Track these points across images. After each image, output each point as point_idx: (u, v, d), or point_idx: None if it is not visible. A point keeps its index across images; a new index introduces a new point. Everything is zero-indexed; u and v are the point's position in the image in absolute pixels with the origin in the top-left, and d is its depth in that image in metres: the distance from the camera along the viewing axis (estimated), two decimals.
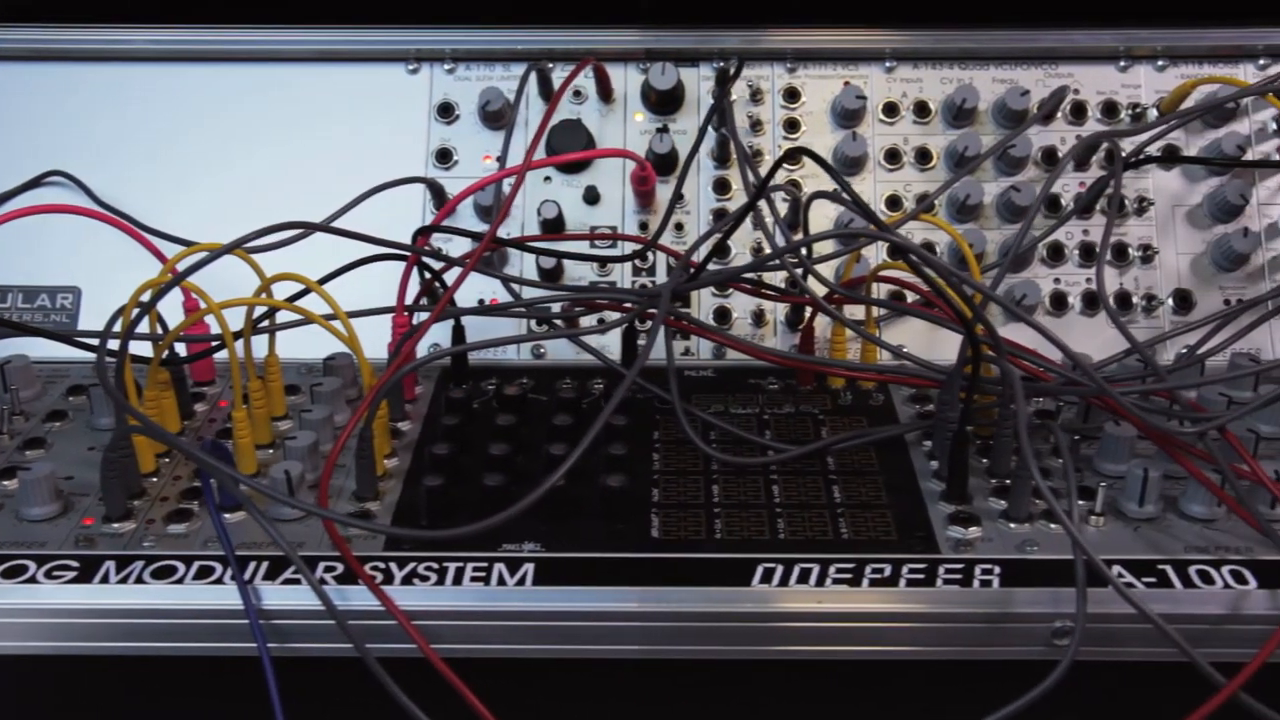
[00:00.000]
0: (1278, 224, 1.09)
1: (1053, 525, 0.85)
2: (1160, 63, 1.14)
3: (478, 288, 1.09)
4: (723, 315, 1.09)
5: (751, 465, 0.92)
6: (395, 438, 0.96)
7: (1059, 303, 1.08)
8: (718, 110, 1.07)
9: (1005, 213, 1.10)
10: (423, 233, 0.97)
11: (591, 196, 1.11)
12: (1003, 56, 1.14)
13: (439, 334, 1.04)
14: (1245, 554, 0.81)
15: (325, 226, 0.94)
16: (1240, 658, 0.75)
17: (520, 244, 1.04)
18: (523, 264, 1.10)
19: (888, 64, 1.15)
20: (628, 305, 0.93)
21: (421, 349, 1.00)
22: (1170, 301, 1.08)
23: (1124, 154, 1.05)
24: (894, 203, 1.11)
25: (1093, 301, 1.08)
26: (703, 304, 1.10)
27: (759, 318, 1.09)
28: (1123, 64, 1.14)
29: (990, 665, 0.79)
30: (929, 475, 0.90)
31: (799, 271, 0.93)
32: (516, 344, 1.06)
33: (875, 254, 1.09)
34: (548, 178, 1.13)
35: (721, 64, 1.13)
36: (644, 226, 1.11)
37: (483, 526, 0.74)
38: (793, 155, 0.96)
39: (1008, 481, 0.88)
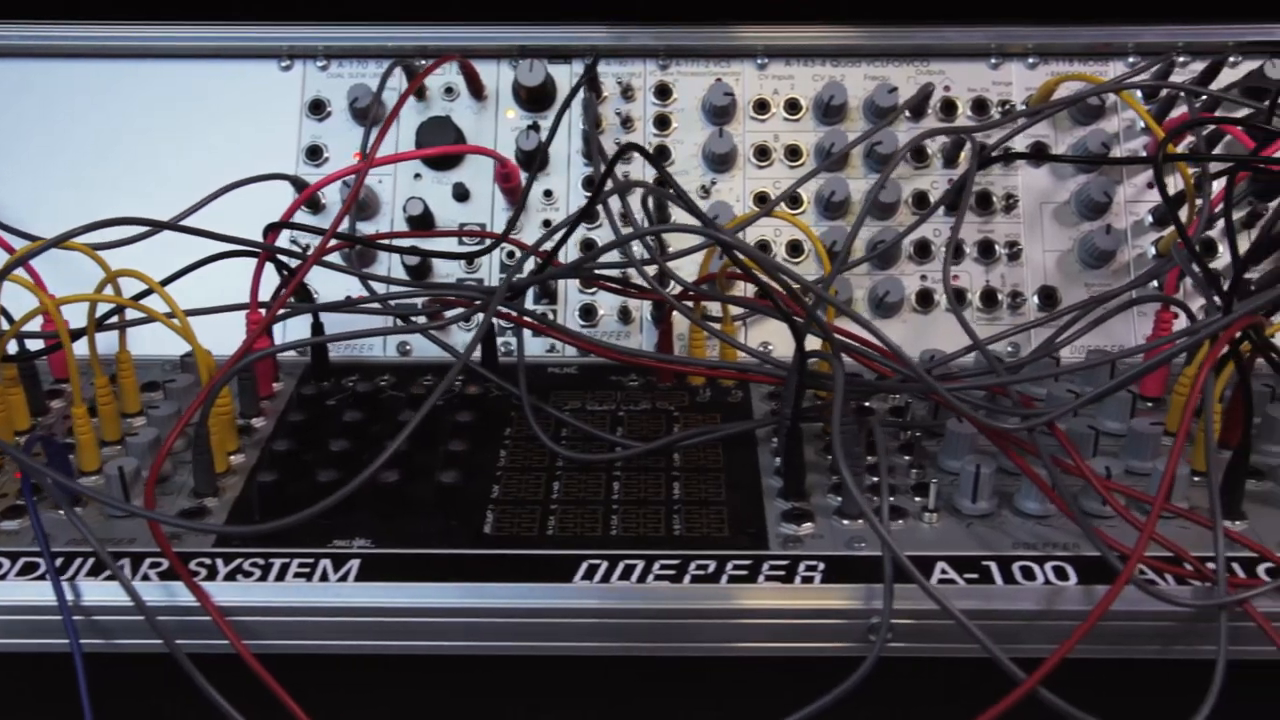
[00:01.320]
0: (1144, 221, 1.08)
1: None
2: (1031, 60, 1.14)
3: (348, 286, 1.09)
4: (589, 312, 1.09)
5: (595, 462, 0.91)
6: (246, 434, 0.96)
7: (925, 300, 1.08)
8: (566, 106, 1.07)
9: (874, 209, 1.09)
10: (272, 229, 0.97)
11: (460, 193, 1.11)
12: (875, 53, 1.14)
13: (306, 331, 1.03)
14: (1071, 550, 0.81)
15: (169, 224, 0.93)
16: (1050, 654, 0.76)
17: (368, 241, 1.04)
18: (390, 263, 1.10)
19: (760, 61, 1.14)
20: (476, 301, 0.92)
21: None
22: (1035, 299, 1.08)
23: (981, 151, 1.05)
24: (762, 199, 1.11)
25: (959, 298, 1.08)
26: (569, 301, 1.10)
27: (625, 315, 1.09)
28: (994, 61, 1.14)
29: (814, 661, 0.78)
30: (772, 472, 0.90)
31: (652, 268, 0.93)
32: (347, 340, 1.06)
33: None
34: (418, 175, 1.13)
35: (590, 60, 1.13)
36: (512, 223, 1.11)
37: (277, 525, 0.74)
38: (625, 152, 0.95)
39: None
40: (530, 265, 1.04)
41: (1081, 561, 0.80)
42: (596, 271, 0.98)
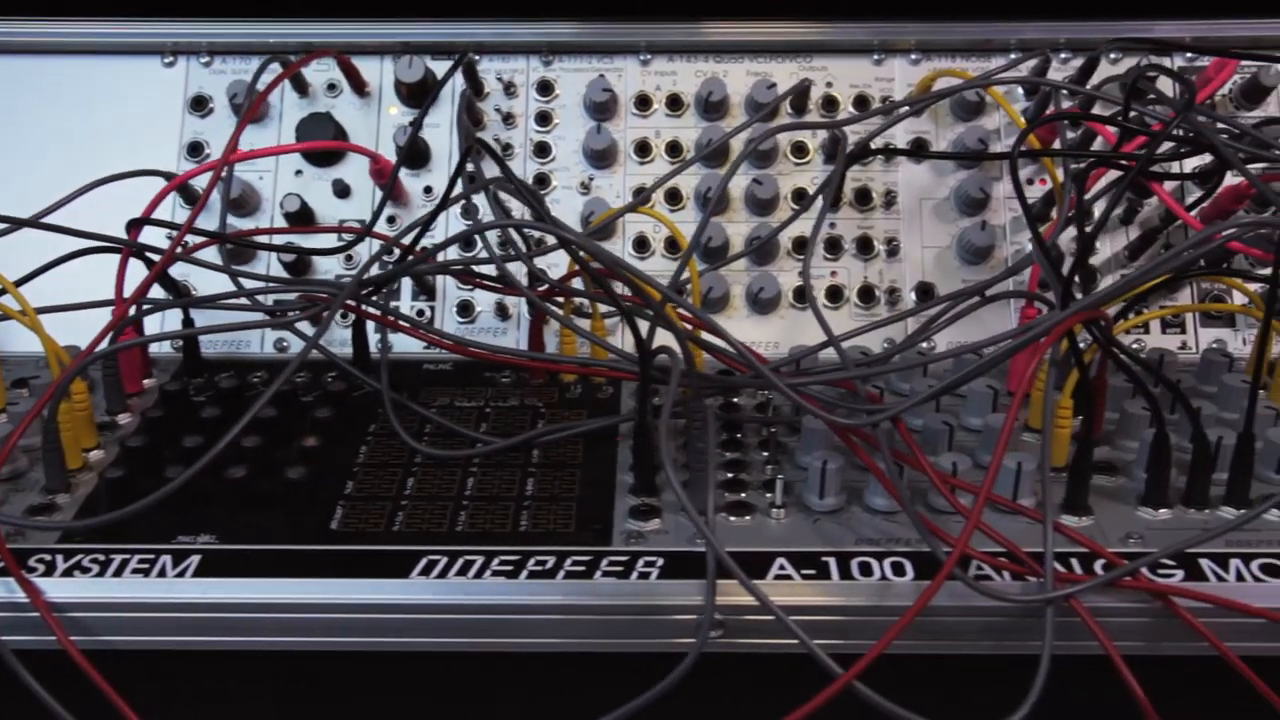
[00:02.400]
0: (1021, 218, 1.08)
1: (733, 518, 0.84)
2: (914, 56, 1.14)
3: (228, 284, 1.08)
4: (466, 309, 1.09)
5: (452, 458, 0.91)
6: (110, 431, 0.96)
7: (802, 296, 1.08)
8: (431, 103, 1.07)
9: (752, 206, 1.09)
10: (134, 225, 0.97)
11: (341, 190, 1.11)
12: (757, 49, 1.14)
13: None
14: (914, 546, 0.81)
15: (28, 221, 0.93)
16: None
17: (231, 238, 1.03)
18: (270, 260, 1.10)
19: (643, 57, 1.14)
20: (324, 297, 0.92)
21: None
22: (913, 295, 1.08)
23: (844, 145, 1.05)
24: (644, 197, 1.11)
25: (836, 294, 1.08)
26: (448, 297, 1.10)
27: (502, 312, 1.09)
28: (877, 57, 1.14)
29: (649, 658, 0.78)
30: (628, 469, 0.90)
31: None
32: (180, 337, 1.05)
33: (620, 249, 1.10)
34: (299, 171, 1.13)
35: (473, 57, 1.13)
36: (392, 220, 1.11)
37: (93, 523, 0.74)
38: (469, 149, 0.95)
39: None
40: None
41: (921, 558, 0.80)
42: (462, 269, 0.98)
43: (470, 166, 1.00)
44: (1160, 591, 0.76)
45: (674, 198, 1.10)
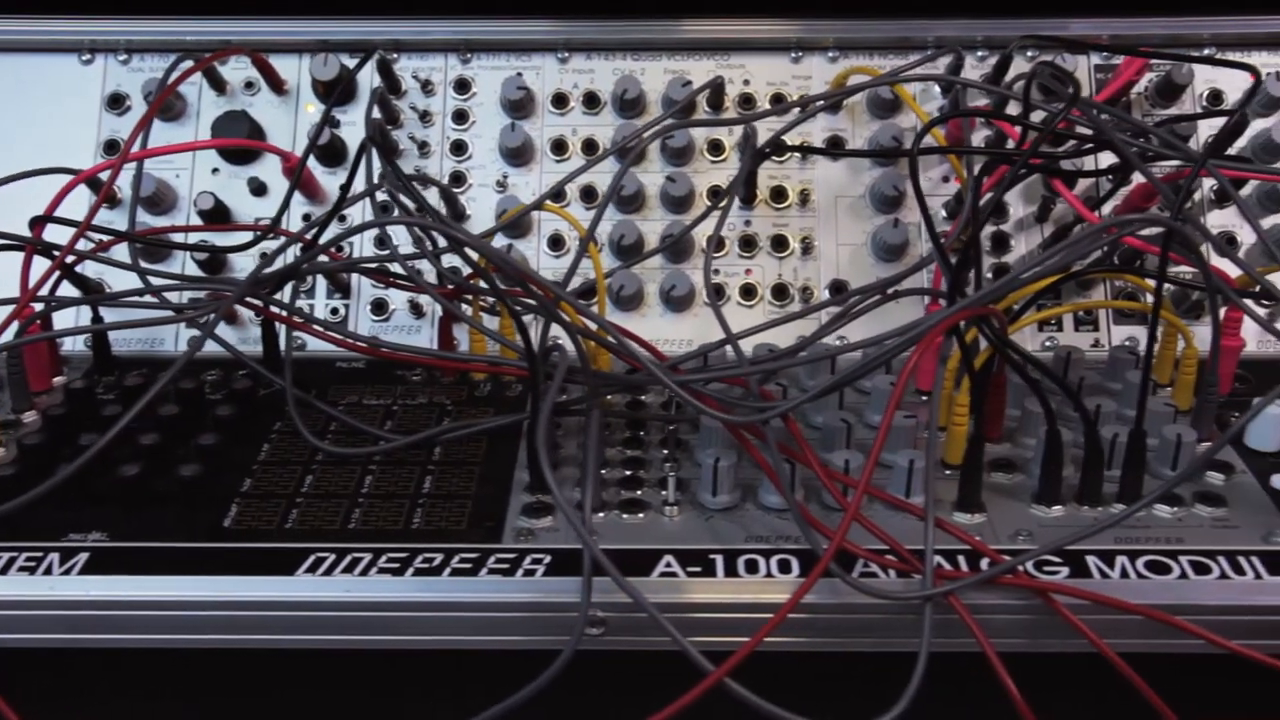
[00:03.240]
0: (937, 215, 1.08)
1: (625, 516, 0.85)
2: (832, 54, 1.14)
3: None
4: (380, 307, 1.09)
5: (353, 456, 0.91)
6: (13, 429, 0.96)
7: (716, 293, 1.08)
8: (334, 102, 1.07)
9: (667, 203, 1.09)
10: (37, 222, 0.96)
11: (258, 188, 1.11)
12: (675, 47, 1.14)
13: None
14: (802, 543, 0.81)
15: None
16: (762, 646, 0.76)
17: (126, 236, 1.03)
18: (184, 258, 1.10)
19: (561, 55, 1.14)
20: (225, 294, 0.92)
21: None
22: (826, 293, 1.08)
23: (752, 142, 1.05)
24: (558, 194, 1.10)
25: (750, 292, 1.08)
26: (362, 295, 1.09)
27: (416, 310, 1.09)
28: (795, 55, 1.14)
29: (538, 654, 0.78)
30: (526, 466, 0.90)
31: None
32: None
33: (535, 247, 1.10)
34: (216, 169, 1.12)
35: (385, 54, 1.13)
36: (307, 218, 1.10)
37: None
38: (363, 147, 0.96)
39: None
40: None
41: (808, 555, 0.80)
42: (367, 266, 0.98)
43: (378, 164, 1.00)
44: (1039, 588, 0.76)
45: (589, 195, 1.10)
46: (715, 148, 1.11)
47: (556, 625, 0.77)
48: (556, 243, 1.10)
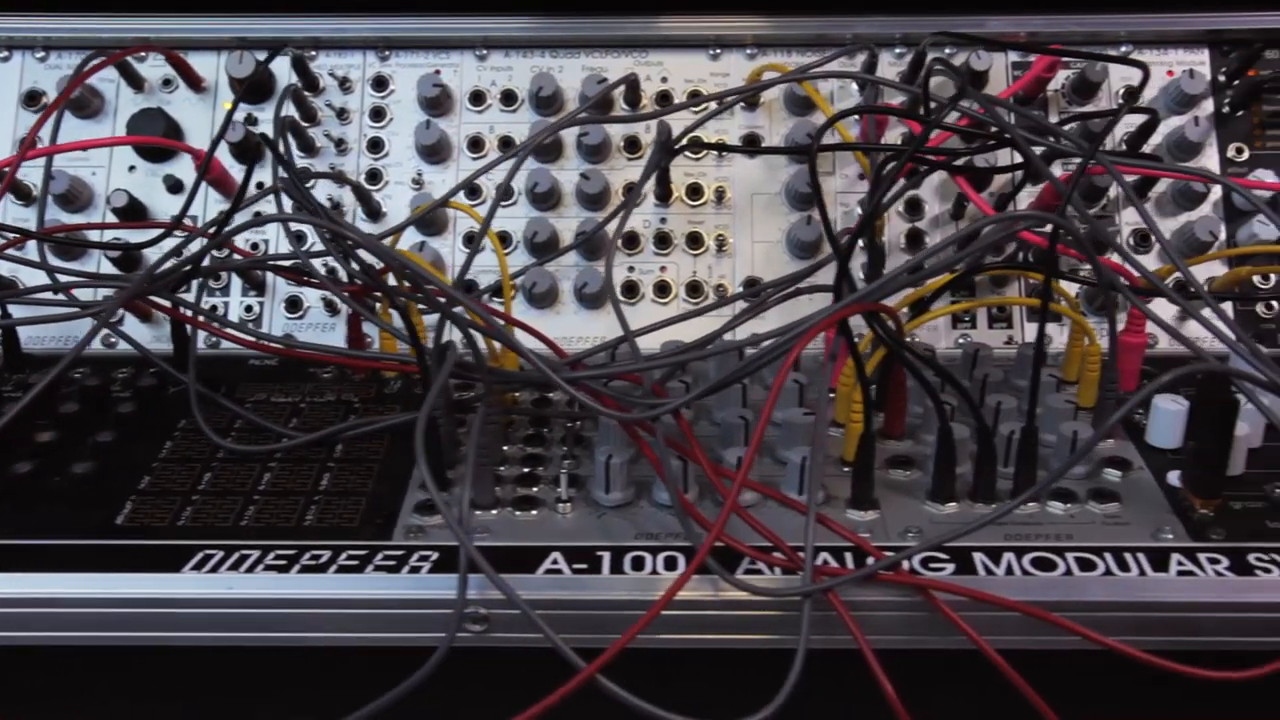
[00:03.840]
0: (853, 212, 1.08)
1: (518, 513, 0.84)
2: (750, 51, 1.14)
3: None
4: (295, 304, 1.09)
5: (254, 453, 0.91)
6: None
7: (631, 290, 1.08)
8: (240, 100, 1.06)
9: (582, 200, 1.09)
10: None
11: (174, 185, 1.11)
12: (593, 45, 1.13)
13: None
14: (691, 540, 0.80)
15: None
16: (642, 644, 0.75)
17: (26, 233, 1.02)
18: (99, 256, 1.09)
19: (479, 52, 1.14)
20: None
21: None
22: (741, 290, 1.08)
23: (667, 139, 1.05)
24: (475, 191, 1.10)
25: (665, 289, 1.08)
26: (277, 293, 1.09)
27: (331, 307, 1.09)
28: (714, 52, 1.14)
29: (423, 652, 0.78)
30: None
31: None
32: None
33: (451, 245, 1.10)
34: (132, 167, 1.12)
35: (308, 53, 1.13)
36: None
37: None
38: (257, 145, 0.96)
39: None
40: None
41: (694, 552, 0.79)
42: (273, 264, 0.98)
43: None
44: (919, 585, 0.76)
45: (505, 193, 1.10)
46: (632, 145, 1.11)
47: (438, 622, 0.76)
48: (471, 240, 1.09)
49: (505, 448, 0.92)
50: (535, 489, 0.87)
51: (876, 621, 0.76)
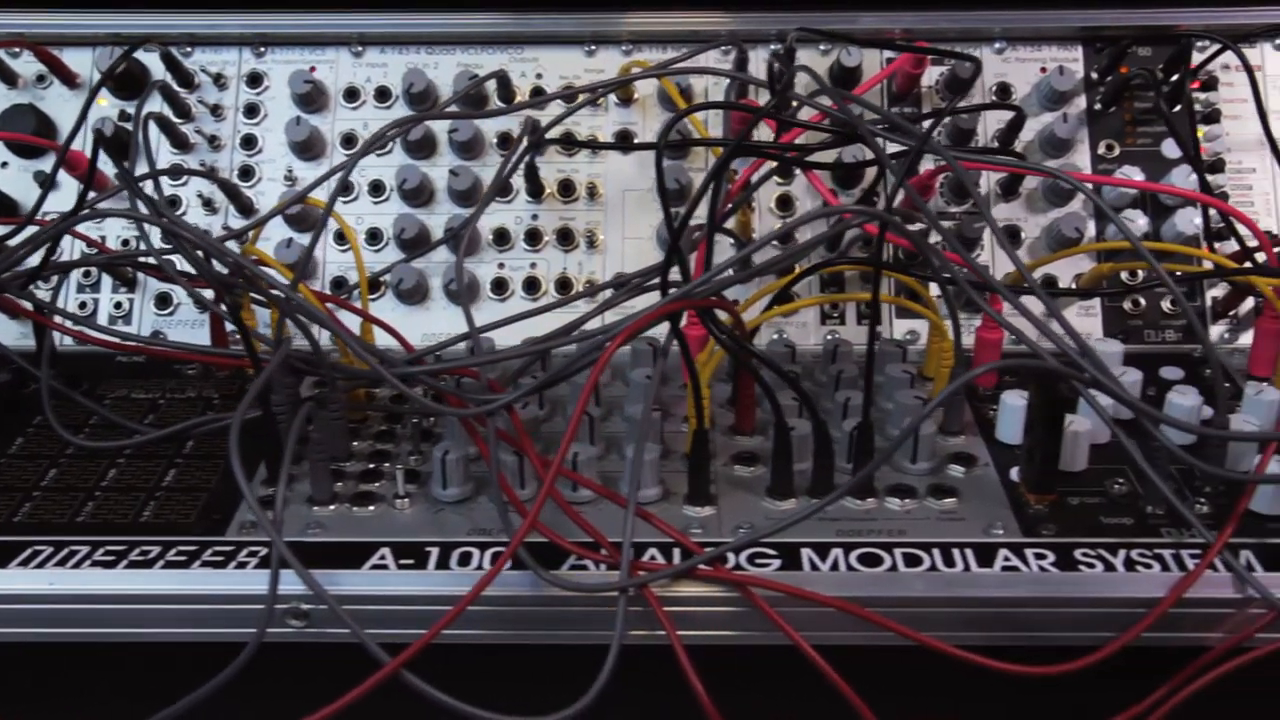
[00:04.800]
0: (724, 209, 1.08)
1: (355, 508, 0.84)
2: (626, 47, 1.13)
3: None
4: (164, 300, 1.09)
5: (103, 449, 0.91)
6: None
7: (500, 287, 1.08)
8: (94, 96, 1.06)
9: (453, 197, 1.09)
10: None
11: (45, 181, 1.10)
12: (469, 41, 1.13)
13: None
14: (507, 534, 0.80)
15: None
16: (459, 639, 0.76)
17: None
18: None
19: (355, 49, 1.14)
20: None
21: None
22: (611, 290, 1.08)
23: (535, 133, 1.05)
24: (346, 188, 1.10)
25: (534, 285, 1.08)
26: (148, 289, 1.09)
27: (202, 304, 1.08)
28: (590, 49, 1.13)
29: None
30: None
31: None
32: None
33: (323, 242, 1.09)
34: (4, 163, 1.12)
35: (184, 49, 1.13)
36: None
37: None
38: (101, 144, 0.96)
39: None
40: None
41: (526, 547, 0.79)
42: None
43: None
44: (737, 581, 0.76)
45: (377, 189, 1.10)
46: (504, 141, 1.11)
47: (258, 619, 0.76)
48: (342, 236, 1.09)
49: (355, 444, 0.92)
50: (377, 485, 0.87)
51: (698, 617, 0.76)
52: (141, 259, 0.96)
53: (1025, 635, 0.77)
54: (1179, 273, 1.02)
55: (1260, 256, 0.96)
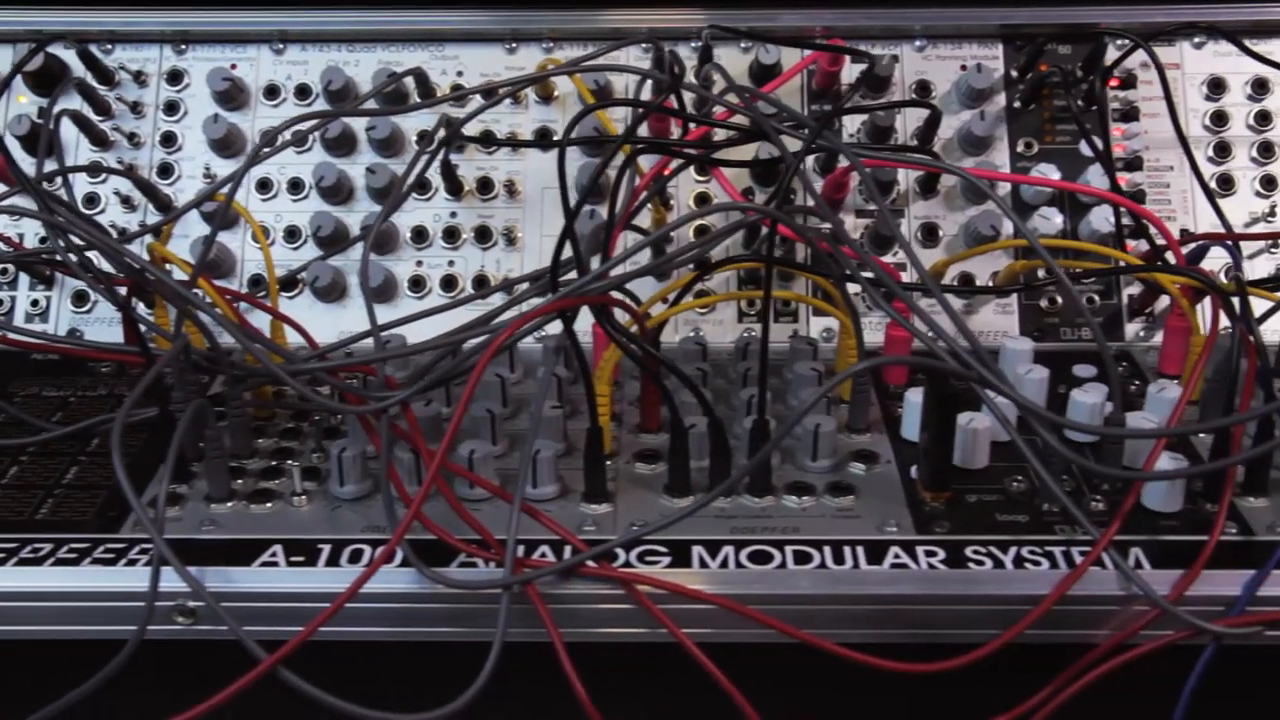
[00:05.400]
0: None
1: (253, 506, 0.84)
2: (547, 44, 1.13)
3: None
4: (81, 298, 1.09)
5: (4, 447, 0.91)
6: None
7: (418, 285, 1.08)
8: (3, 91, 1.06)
9: (371, 195, 1.09)
10: None
11: None
12: (389, 38, 1.13)
13: None
14: (418, 533, 0.80)
15: None
16: (343, 636, 0.76)
17: None
18: None
19: (276, 46, 1.14)
20: None
21: None
22: (527, 284, 1.07)
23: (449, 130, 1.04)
24: (265, 185, 1.10)
25: (451, 283, 1.08)
26: (66, 286, 1.09)
27: None
28: (511, 46, 1.13)
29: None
30: None
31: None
32: None
33: (240, 240, 1.09)
34: None
35: (105, 46, 1.13)
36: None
37: None
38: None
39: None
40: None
41: (417, 545, 0.79)
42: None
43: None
44: (621, 578, 0.76)
45: (296, 187, 1.10)
46: (424, 139, 1.11)
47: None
48: (261, 234, 1.09)
49: (261, 441, 0.92)
50: (276, 482, 0.87)
51: (584, 615, 0.76)
52: (45, 256, 0.96)
53: (914, 633, 0.77)
54: (1078, 270, 1.02)
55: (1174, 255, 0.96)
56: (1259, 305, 0.88)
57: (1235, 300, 0.84)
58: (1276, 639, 0.76)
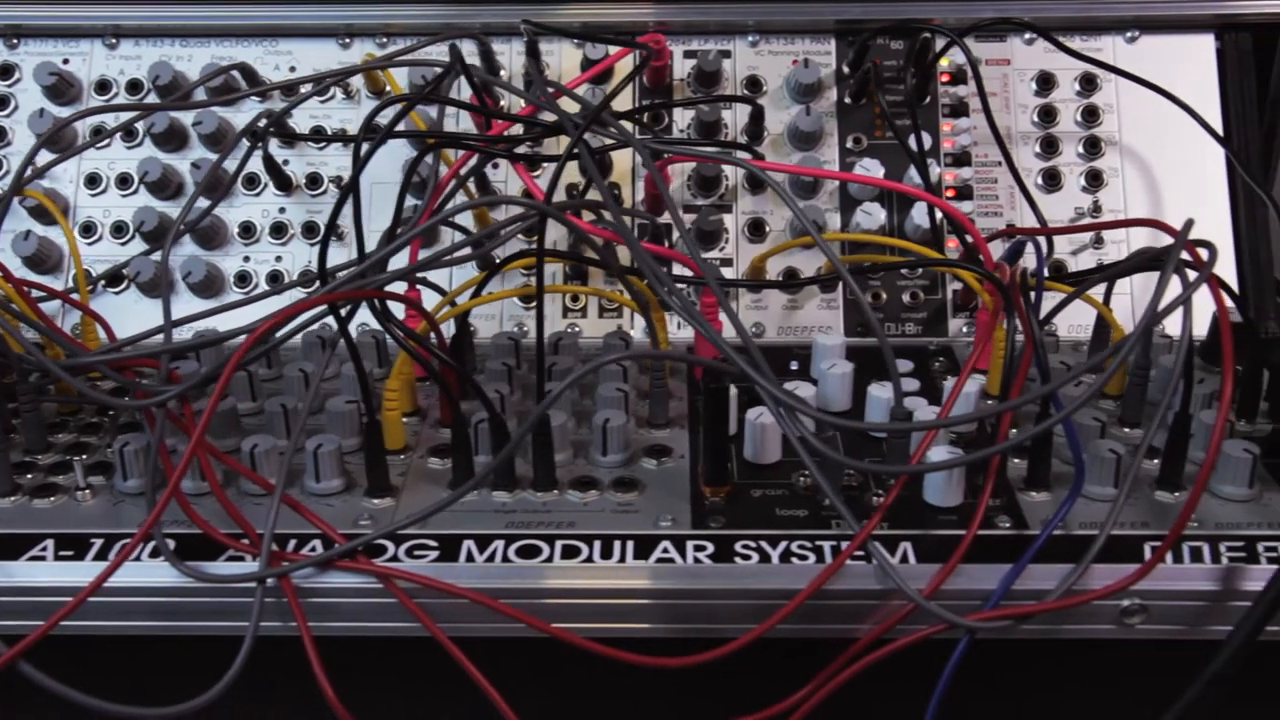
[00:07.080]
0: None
1: (36, 501, 0.84)
2: (380, 40, 1.13)
3: None
4: None
5: None
6: None
7: (244, 280, 1.08)
8: None
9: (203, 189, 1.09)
10: None
11: None
12: (223, 33, 1.13)
13: None
14: (186, 528, 0.80)
15: None
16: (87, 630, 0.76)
17: None
18: None
19: (109, 41, 1.14)
20: None
21: None
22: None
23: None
24: (94, 180, 1.10)
25: (277, 278, 1.08)
26: None
27: None
28: (345, 41, 1.13)
29: None
30: None
31: None
32: None
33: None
34: None
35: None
36: None
37: None
38: None
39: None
40: None
41: (186, 539, 0.79)
42: None
43: None
44: (378, 573, 0.76)
45: (125, 182, 1.10)
46: (252, 133, 1.10)
47: None
48: (89, 229, 1.09)
49: (62, 436, 0.92)
50: (63, 477, 0.87)
51: (344, 609, 0.76)
52: None
53: (682, 628, 0.77)
54: (868, 263, 1.02)
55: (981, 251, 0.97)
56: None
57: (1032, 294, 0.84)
58: (1031, 633, 0.76)
